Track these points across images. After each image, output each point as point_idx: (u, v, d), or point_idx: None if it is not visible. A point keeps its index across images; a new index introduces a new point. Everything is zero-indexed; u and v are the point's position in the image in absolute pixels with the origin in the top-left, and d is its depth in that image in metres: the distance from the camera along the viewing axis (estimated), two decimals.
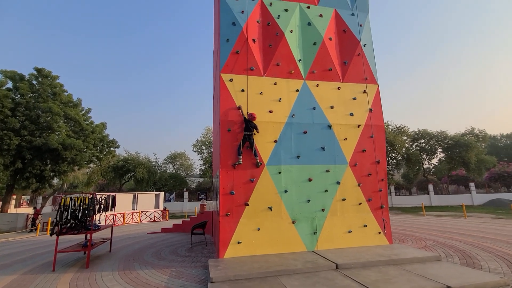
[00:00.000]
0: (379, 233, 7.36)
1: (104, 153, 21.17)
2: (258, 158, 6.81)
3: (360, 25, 8.25)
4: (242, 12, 7.49)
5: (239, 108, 6.97)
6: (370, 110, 7.79)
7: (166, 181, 33.59)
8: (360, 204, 7.36)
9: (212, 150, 33.15)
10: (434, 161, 33.41)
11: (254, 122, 6.85)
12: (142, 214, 18.33)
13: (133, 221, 17.88)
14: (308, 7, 8.03)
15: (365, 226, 7.28)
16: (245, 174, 6.78)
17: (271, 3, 7.80)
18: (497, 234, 9.56)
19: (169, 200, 32.30)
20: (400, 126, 30.39)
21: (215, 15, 8.97)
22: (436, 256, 6.10)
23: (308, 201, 7.04)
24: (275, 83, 7.37)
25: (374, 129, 7.70)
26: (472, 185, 27.74)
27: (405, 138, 30.08)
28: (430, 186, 28.98)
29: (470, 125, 70.09)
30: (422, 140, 31.92)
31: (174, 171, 40.98)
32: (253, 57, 7.35)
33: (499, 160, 35.49)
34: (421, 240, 8.79)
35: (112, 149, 21.78)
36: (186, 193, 32.06)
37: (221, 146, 6.73)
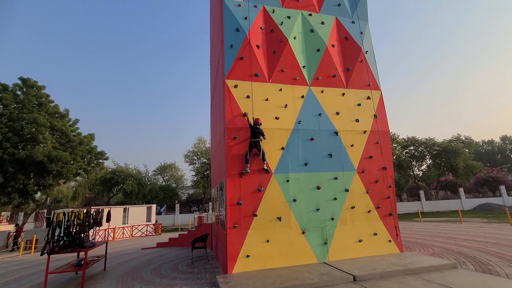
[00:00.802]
0: (389, 241, 7.18)
1: (92, 165, 20.31)
2: (265, 164, 6.56)
3: (361, 33, 8.32)
4: (246, 18, 7.39)
5: (244, 115, 6.75)
6: (375, 116, 7.75)
7: (156, 193, 32.57)
8: (369, 211, 7.19)
9: (204, 160, 32.62)
10: (423, 167, 34.15)
11: (260, 128, 6.64)
12: (134, 228, 17.48)
13: (124, 236, 16.99)
14: (310, 15, 8.04)
15: (375, 234, 7.09)
16: (252, 183, 6.49)
17: (273, 10, 7.76)
18: (499, 239, 9.59)
19: (160, 213, 31.21)
20: (390, 134, 31.04)
21: (216, 21, 8.84)
22: (452, 263, 5.95)
23: (318, 210, 6.80)
24: (280, 89, 7.23)
25: (380, 135, 7.64)
26: (461, 190, 28.36)
27: (395, 145, 30.66)
28: (422, 192, 29.42)
29: (456, 131, 72.62)
30: (412, 147, 32.65)
31: (164, 183, 39.92)
32: (257, 63, 7.21)
33: (483, 165, 36.68)
34: (428, 247, 8.67)
35: (100, 161, 20.95)
36: (177, 205, 31.12)
37: (227, 154, 6.45)
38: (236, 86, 6.87)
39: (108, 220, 8.26)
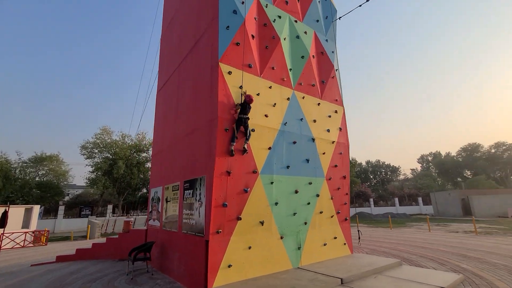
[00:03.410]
0: (344, 244, 7.84)
1: None
2: (247, 145, 5.97)
3: (332, 52, 9.08)
4: (243, 3, 6.78)
5: (240, 87, 6.10)
6: (340, 129, 8.48)
7: (29, 192, 24.81)
8: (332, 216, 7.68)
9: (107, 155, 27.45)
10: None
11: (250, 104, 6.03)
12: (3, 236, 12.53)
13: None
14: (296, 21, 8.17)
15: (335, 238, 7.60)
16: (239, 183, 5.81)
17: (267, 4, 7.46)
18: (400, 239, 12.11)
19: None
20: None
21: None
22: (398, 261, 7.00)
23: (294, 214, 6.73)
24: (270, 87, 6.91)
25: (342, 147, 8.39)
26: None
27: None
28: None
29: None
30: None
31: (39, 178, 31.02)
32: (251, 54, 6.68)
33: (361, 182, 46.40)
34: (356, 248, 9.99)
35: None
36: (61, 208, 24.67)
37: (217, 149, 5.55)
38: (230, 73, 6.10)
39: (2, 225, 5.58)
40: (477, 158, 52.30)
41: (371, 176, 60.89)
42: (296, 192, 6.86)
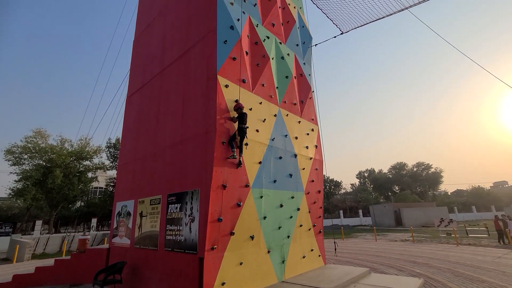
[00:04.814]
0: (319, 255, 8.25)
1: None
2: (241, 157, 5.98)
3: (309, 74, 9.82)
4: (238, 20, 6.95)
5: (236, 101, 6.17)
6: (316, 146, 9.09)
7: None
8: (309, 229, 8.06)
9: (39, 162, 23.68)
10: None
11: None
12: None
13: None
14: (280, 43, 8.67)
15: (312, 250, 7.96)
16: (233, 197, 5.76)
17: (257, 24, 7.78)
18: (355, 249, 13.18)
19: None
20: None
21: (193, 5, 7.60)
22: (368, 270, 7.66)
23: (279, 227, 6.89)
24: (261, 103, 7.12)
25: (317, 163, 8.98)
26: None
27: None
28: None
29: None
30: None
31: None
32: (245, 70, 6.83)
33: None
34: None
35: None
36: None
37: (215, 162, 5.44)
38: (227, 86, 6.12)
39: None
40: (403, 175, 60.54)
41: None
42: (281, 206, 7.05)
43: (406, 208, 34.34)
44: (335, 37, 9.65)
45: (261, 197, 6.47)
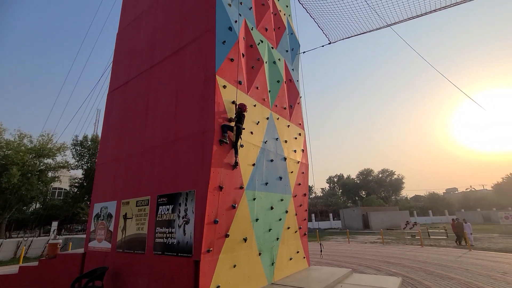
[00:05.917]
0: (304, 257, 8.43)
1: None
2: (237, 157, 5.98)
3: (297, 80, 10.08)
4: (236, 22, 6.96)
5: (233, 103, 6.18)
6: (303, 150, 9.33)
7: None
8: (296, 232, 8.21)
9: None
10: None
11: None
12: None
13: None
14: (272, 48, 8.82)
15: (298, 252, 8.11)
16: (228, 198, 5.70)
17: (252, 28, 7.85)
18: (332, 251, 13.64)
19: None
20: None
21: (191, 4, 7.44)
22: (350, 270, 7.99)
23: (270, 230, 6.94)
24: (255, 105, 7.16)
25: (304, 167, 9.21)
26: None
27: None
28: None
29: None
30: None
31: None
32: (242, 71, 6.83)
33: None
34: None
35: None
36: None
37: (213, 163, 5.36)
38: (225, 87, 6.08)
39: None
40: (369, 181, 64.06)
41: None
42: (272, 208, 7.12)
43: (373, 212, 36.35)
44: (323, 46, 10.05)
45: (254, 199, 6.48)
